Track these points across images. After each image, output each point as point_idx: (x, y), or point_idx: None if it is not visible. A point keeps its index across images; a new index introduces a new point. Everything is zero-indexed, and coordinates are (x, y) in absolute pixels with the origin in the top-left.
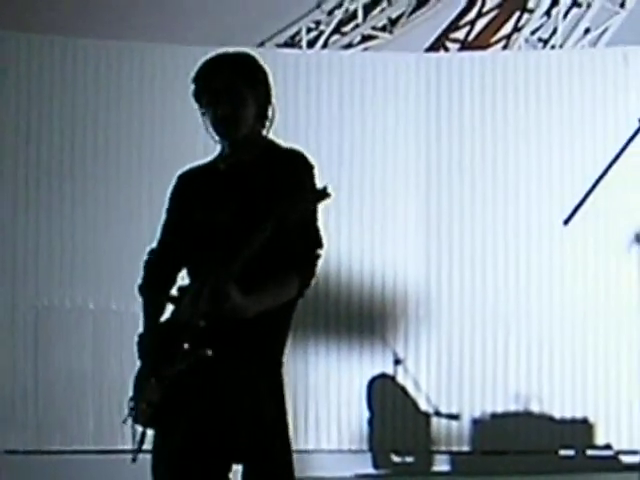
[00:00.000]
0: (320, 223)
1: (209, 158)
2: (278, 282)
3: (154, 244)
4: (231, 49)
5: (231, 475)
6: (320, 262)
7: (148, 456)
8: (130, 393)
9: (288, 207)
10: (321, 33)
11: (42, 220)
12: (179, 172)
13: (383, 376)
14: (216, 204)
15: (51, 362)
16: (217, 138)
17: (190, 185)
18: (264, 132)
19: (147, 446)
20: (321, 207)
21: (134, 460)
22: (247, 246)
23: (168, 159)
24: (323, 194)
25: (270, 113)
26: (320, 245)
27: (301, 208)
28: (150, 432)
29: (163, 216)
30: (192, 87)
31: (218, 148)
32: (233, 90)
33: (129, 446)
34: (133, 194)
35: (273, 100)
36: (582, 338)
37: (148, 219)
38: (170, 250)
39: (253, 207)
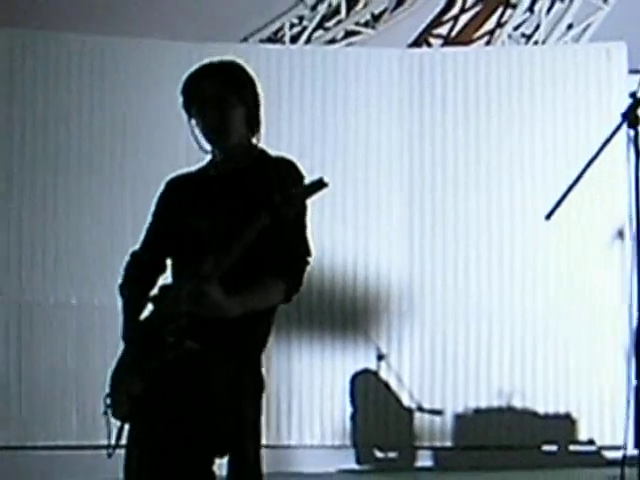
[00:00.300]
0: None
1: (198, 165)
2: (264, 286)
3: (137, 246)
4: (216, 44)
5: (216, 468)
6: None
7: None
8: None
9: (283, 198)
10: (304, 28)
11: (25, 216)
12: (168, 178)
13: (366, 371)
14: (208, 209)
15: (34, 358)
16: (207, 148)
17: (179, 190)
18: (254, 140)
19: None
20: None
21: (110, 455)
22: (238, 241)
23: (153, 156)
24: (320, 185)
25: (259, 120)
26: (309, 253)
27: (296, 200)
28: (127, 427)
29: (148, 219)
30: (180, 98)
31: (206, 157)
32: (221, 97)
33: (113, 442)
34: (116, 190)
35: (261, 107)
36: (565, 333)
37: (131, 215)
38: (154, 253)
39: (245, 213)
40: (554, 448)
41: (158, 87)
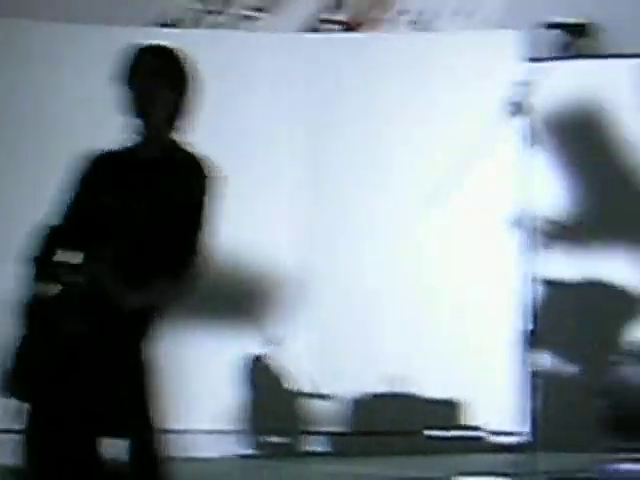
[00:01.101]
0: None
1: (122, 144)
2: (163, 285)
3: (54, 221)
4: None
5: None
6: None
7: None
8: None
9: (182, 191)
10: (198, 12)
11: None
12: (92, 156)
13: (260, 356)
14: (121, 194)
15: None
16: (131, 123)
17: (103, 171)
18: (175, 128)
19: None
20: None
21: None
22: (133, 227)
23: (62, 146)
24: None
25: (184, 110)
26: (197, 254)
27: (191, 188)
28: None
29: (69, 194)
30: (118, 71)
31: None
32: (152, 73)
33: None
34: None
35: (191, 102)
36: (456, 320)
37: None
38: (71, 228)
39: (149, 203)
40: (444, 433)
41: (63, 70)
